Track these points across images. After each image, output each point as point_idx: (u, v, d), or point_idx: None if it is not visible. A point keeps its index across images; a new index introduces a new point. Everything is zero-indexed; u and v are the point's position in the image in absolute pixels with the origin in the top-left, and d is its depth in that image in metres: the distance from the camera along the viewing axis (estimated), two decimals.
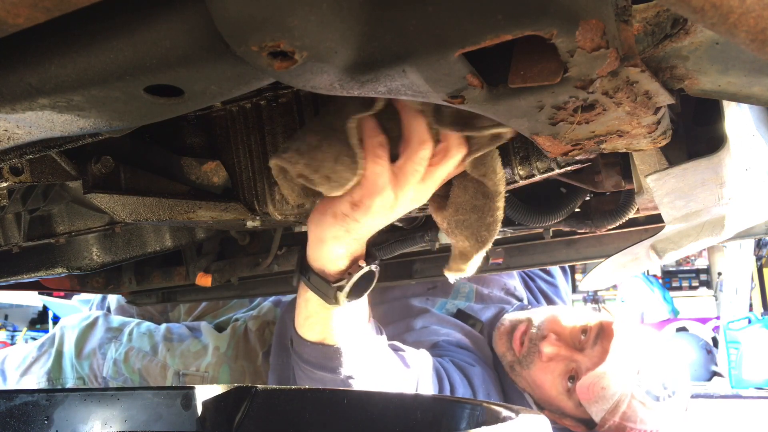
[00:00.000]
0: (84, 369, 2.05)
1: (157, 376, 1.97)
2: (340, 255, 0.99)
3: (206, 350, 1.99)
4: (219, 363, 1.96)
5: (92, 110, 0.56)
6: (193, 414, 0.85)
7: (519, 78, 0.55)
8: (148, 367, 1.98)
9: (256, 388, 0.87)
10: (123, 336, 2.05)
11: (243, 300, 2.22)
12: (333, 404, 0.83)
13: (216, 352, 1.98)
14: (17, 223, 1.15)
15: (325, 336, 1.09)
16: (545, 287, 2.13)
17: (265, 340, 2.01)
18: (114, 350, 2.03)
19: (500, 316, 1.82)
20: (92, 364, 2.04)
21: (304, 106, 1.02)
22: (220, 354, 1.97)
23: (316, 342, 1.09)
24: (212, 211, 1.04)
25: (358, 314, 1.12)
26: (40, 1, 0.37)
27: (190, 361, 1.97)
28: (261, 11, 0.42)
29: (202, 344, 2.01)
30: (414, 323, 1.82)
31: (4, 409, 0.85)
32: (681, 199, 0.90)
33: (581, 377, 1.51)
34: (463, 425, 0.70)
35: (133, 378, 1.98)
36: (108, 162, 0.91)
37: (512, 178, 0.97)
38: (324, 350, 1.10)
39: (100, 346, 2.06)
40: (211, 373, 1.95)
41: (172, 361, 1.97)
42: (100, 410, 0.86)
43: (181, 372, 1.96)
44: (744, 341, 5.02)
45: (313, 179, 0.87)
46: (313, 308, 1.05)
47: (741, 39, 0.38)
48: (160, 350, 2.00)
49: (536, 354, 1.58)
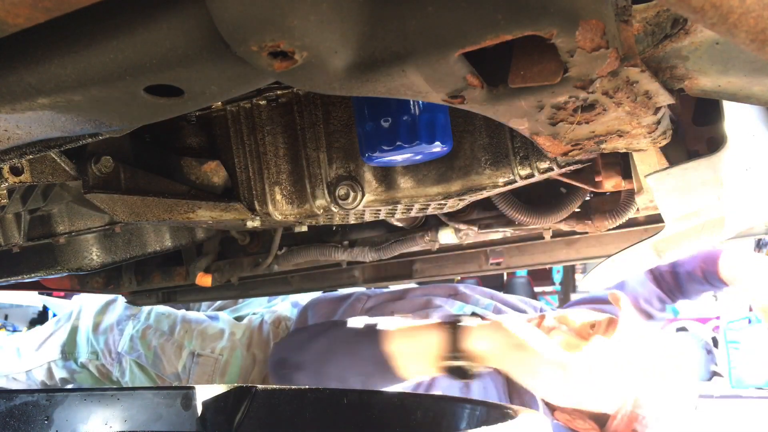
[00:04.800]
0: (99, 344, 2.08)
1: (171, 355, 1.99)
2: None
3: (222, 334, 2.02)
4: (233, 348, 1.99)
5: (92, 110, 0.56)
6: (193, 414, 0.85)
7: (519, 78, 0.55)
8: (164, 345, 2.00)
9: (256, 388, 0.87)
10: (142, 315, 2.09)
11: (262, 298, 2.26)
12: (333, 404, 0.83)
13: (232, 337, 2.01)
14: (17, 223, 1.15)
15: (404, 375, 1.17)
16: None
17: (278, 332, 2.05)
18: (132, 327, 2.06)
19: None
20: (108, 339, 2.07)
21: (304, 106, 1.02)
22: (235, 340, 2.00)
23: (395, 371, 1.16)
24: (212, 211, 1.04)
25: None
26: (40, 1, 0.37)
27: (207, 342, 2.00)
28: (261, 11, 0.42)
29: (219, 328, 2.04)
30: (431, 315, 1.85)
31: (4, 409, 0.85)
32: (681, 199, 0.90)
33: None
34: (463, 425, 0.70)
35: (148, 355, 2.00)
36: (108, 162, 0.91)
37: (512, 178, 0.97)
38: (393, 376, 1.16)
39: (119, 322, 2.09)
40: (225, 356, 1.97)
41: (188, 342, 2.00)
42: (100, 410, 0.86)
43: (196, 352, 1.98)
44: (744, 341, 5.03)
45: None
46: (424, 361, 1.12)
47: (741, 39, 0.38)
48: (178, 331, 2.03)
49: None
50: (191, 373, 1.96)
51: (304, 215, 1.06)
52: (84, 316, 2.15)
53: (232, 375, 1.95)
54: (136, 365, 2.02)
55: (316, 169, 1.03)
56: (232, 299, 2.26)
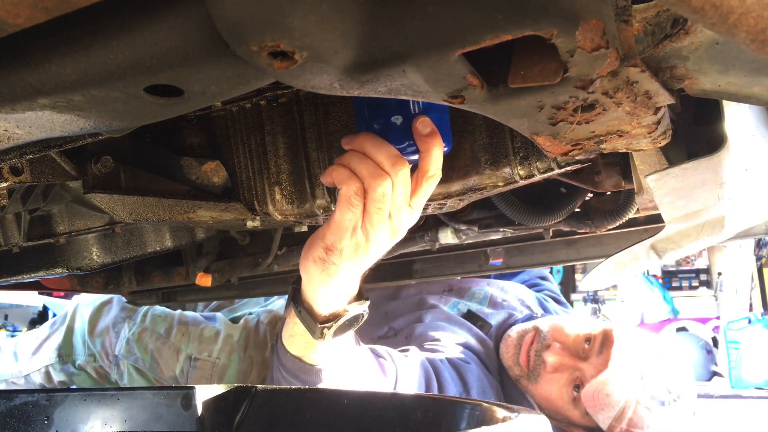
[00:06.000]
0: (96, 346, 2.06)
1: (168, 358, 1.98)
2: (327, 297, 0.97)
3: (218, 337, 2.00)
4: (231, 351, 1.97)
5: (92, 110, 0.56)
6: (193, 414, 0.85)
7: (519, 78, 0.55)
8: (161, 349, 1.99)
9: (256, 388, 0.87)
10: (138, 316, 2.07)
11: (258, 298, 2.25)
12: (333, 404, 0.83)
13: (228, 339, 1.99)
14: (17, 223, 1.15)
15: (304, 354, 1.09)
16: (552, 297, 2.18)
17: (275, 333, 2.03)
18: (128, 329, 2.04)
19: (509, 321, 1.83)
20: (104, 341, 2.06)
21: (304, 106, 1.02)
22: (232, 342, 1.99)
23: (296, 356, 1.09)
24: (212, 211, 1.04)
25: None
26: (40, 1, 0.37)
27: (204, 346, 1.99)
28: (261, 11, 0.42)
29: (215, 330, 2.03)
30: (424, 316, 1.84)
31: (4, 409, 0.85)
32: (681, 199, 0.90)
33: (586, 385, 1.51)
34: (463, 425, 0.70)
35: (145, 358, 1.99)
36: (108, 162, 0.91)
37: (512, 178, 0.97)
38: (302, 365, 1.10)
39: (114, 324, 2.07)
40: (222, 360, 1.96)
41: (185, 345, 1.98)
42: (100, 410, 0.86)
43: (193, 356, 1.96)
44: (744, 341, 5.03)
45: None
46: (298, 331, 1.04)
47: (741, 39, 0.38)
48: (174, 334, 2.01)
49: (542, 366, 1.58)
50: (189, 377, 1.95)
51: (304, 215, 1.06)
52: (79, 318, 2.13)
53: (230, 378, 1.95)
54: (133, 369, 2.01)
55: (316, 169, 1.03)
56: (232, 299, 2.25)
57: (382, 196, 0.83)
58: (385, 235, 0.89)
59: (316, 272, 0.94)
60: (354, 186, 0.84)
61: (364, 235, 0.88)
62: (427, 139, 0.81)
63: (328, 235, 0.90)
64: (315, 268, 0.93)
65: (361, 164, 0.83)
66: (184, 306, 2.24)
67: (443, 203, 1.04)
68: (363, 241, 0.89)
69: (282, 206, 1.05)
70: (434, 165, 0.83)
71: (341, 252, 0.90)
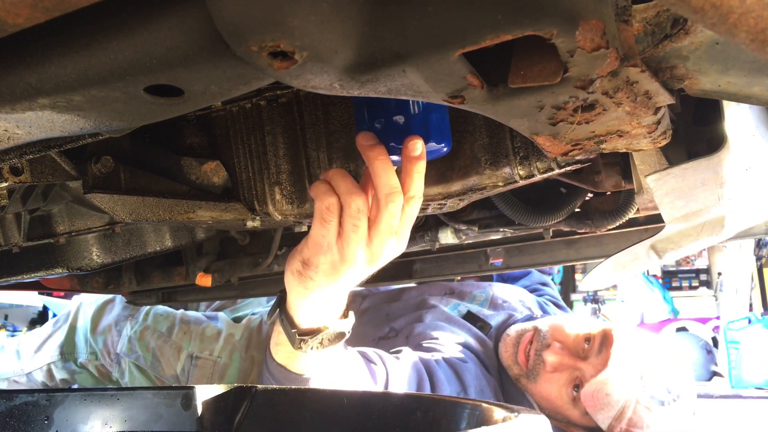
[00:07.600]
0: (98, 344, 2.07)
1: (170, 357, 1.98)
2: (307, 310, 0.96)
3: (220, 336, 2.00)
4: (232, 350, 1.98)
5: (92, 110, 0.56)
6: (193, 414, 0.85)
7: (519, 78, 0.55)
8: (162, 347, 1.99)
9: (256, 388, 0.87)
10: (140, 315, 2.08)
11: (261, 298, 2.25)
12: (333, 404, 0.83)
13: (230, 338, 2.00)
14: (17, 223, 1.15)
15: (289, 363, 1.08)
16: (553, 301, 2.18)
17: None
18: (130, 328, 2.05)
19: (508, 321, 1.83)
20: (106, 339, 2.07)
21: (304, 106, 1.02)
22: (234, 341, 1.99)
23: (281, 364, 1.09)
24: (212, 211, 1.04)
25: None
26: (40, 1, 0.37)
27: (205, 345, 1.99)
28: (261, 11, 0.42)
29: (217, 329, 2.03)
30: (425, 316, 1.84)
31: (4, 409, 0.85)
32: (681, 199, 0.90)
33: (585, 385, 1.51)
34: (463, 425, 0.70)
35: (146, 356, 1.99)
36: (108, 162, 0.91)
37: (512, 178, 0.97)
38: (287, 374, 1.09)
39: (116, 322, 2.08)
40: (223, 359, 1.96)
41: (187, 344, 1.99)
42: (100, 410, 0.86)
43: (194, 355, 1.97)
44: (744, 341, 5.03)
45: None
46: (283, 340, 1.03)
47: (741, 39, 0.38)
48: (176, 332, 2.02)
49: (541, 365, 1.58)
50: (190, 376, 1.95)
51: (304, 215, 1.06)
52: (81, 316, 2.15)
53: (231, 377, 1.95)
54: (135, 367, 2.01)
55: (316, 169, 1.03)
56: (232, 299, 2.25)
57: (357, 212, 0.82)
58: (362, 260, 0.86)
59: (294, 284, 0.93)
60: (327, 201, 0.83)
61: (339, 253, 0.86)
62: (414, 160, 0.79)
63: (305, 249, 0.89)
64: (293, 280, 0.93)
65: (341, 181, 0.82)
66: (187, 306, 2.24)
67: (443, 203, 1.04)
68: (338, 260, 0.86)
69: (282, 206, 1.05)
70: (415, 186, 0.81)
71: (317, 268, 0.88)
